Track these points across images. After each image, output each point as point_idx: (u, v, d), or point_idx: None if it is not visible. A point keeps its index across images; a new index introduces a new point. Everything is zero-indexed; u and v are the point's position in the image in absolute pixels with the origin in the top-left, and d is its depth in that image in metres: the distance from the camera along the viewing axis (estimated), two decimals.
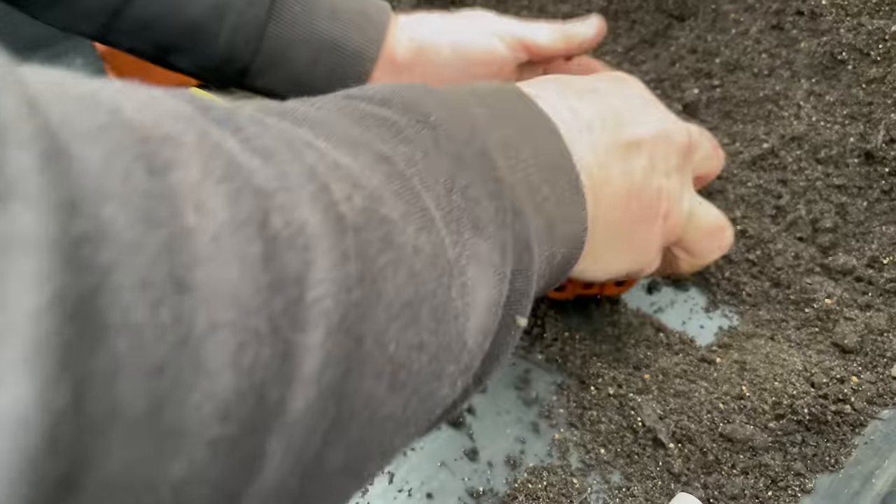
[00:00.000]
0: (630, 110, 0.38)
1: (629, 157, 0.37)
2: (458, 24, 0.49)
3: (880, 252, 0.55)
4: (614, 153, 0.36)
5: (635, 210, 0.37)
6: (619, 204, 0.36)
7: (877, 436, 0.45)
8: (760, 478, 0.43)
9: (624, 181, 0.36)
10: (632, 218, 0.37)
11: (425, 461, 0.44)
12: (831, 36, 0.62)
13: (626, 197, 0.37)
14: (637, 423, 0.44)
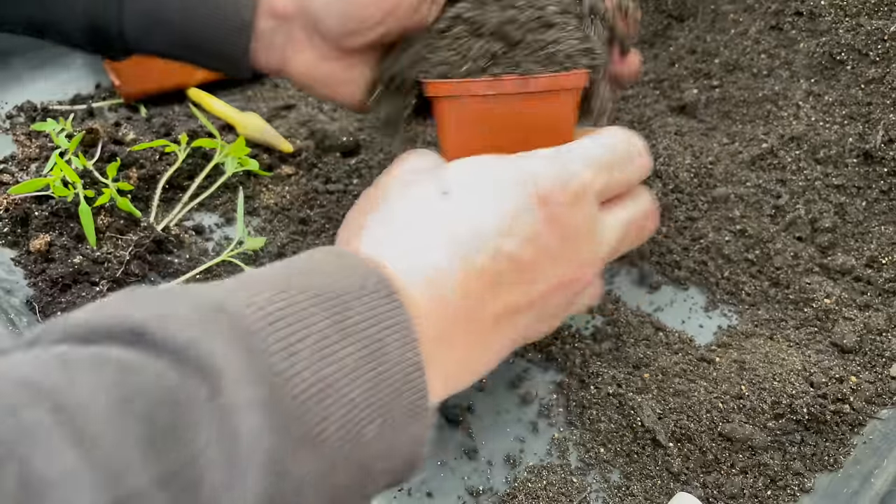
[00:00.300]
0: (540, 259, 0.35)
1: (516, 319, 0.35)
2: None
3: (879, 252, 0.55)
4: (503, 322, 0.34)
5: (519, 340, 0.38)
6: (489, 346, 0.35)
7: (875, 435, 0.45)
8: (759, 477, 0.43)
9: (501, 339, 0.35)
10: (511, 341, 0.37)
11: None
12: (830, 36, 0.62)
13: (509, 345, 0.36)
14: (636, 423, 0.44)
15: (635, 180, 0.40)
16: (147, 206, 0.57)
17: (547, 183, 0.34)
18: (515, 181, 0.34)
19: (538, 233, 0.34)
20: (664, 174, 0.60)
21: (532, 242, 0.34)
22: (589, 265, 0.37)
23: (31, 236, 0.53)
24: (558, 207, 0.34)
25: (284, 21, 0.43)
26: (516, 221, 0.33)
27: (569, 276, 0.36)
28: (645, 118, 0.67)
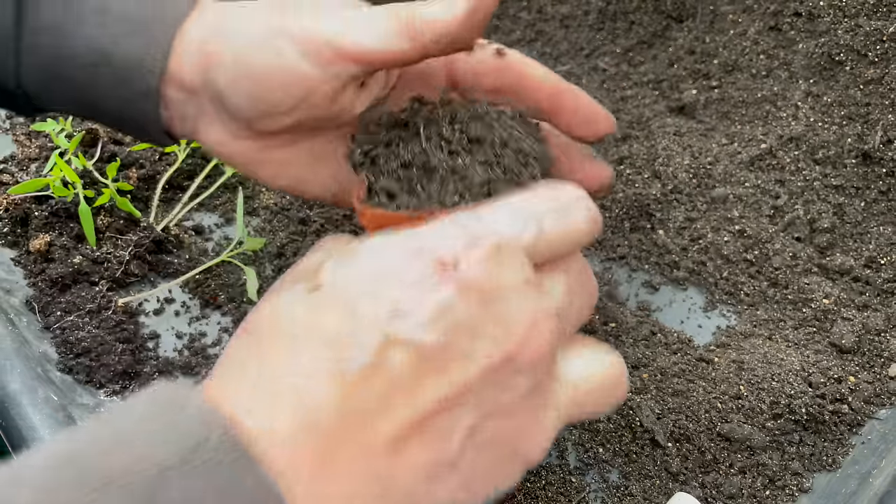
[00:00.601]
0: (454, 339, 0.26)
1: (439, 429, 0.26)
2: (260, 20, 0.36)
3: (878, 252, 0.55)
4: (410, 440, 0.26)
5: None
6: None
7: (874, 435, 0.45)
8: (758, 477, 0.43)
9: (410, 475, 0.26)
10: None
11: None
12: (829, 37, 0.62)
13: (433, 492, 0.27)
14: (635, 423, 0.44)
15: (579, 236, 0.31)
16: (147, 206, 0.57)
17: (449, 244, 0.28)
18: (405, 253, 0.28)
19: (444, 307, 0.26)
20: (663, 174, 0.60)
21: (436, 320, 0.26)
22: (531, 331, 0.28)
23: (30, 236, 0.53)
24: (471, 269, 0.27)
25: (192, 94, 0.38)
26: (409, 298, 0.26)
27: (503, 353, 0.27)
28: (644, 119, 0.67)
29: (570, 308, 0.31)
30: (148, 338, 0.50)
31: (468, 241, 0.28)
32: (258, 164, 0.40)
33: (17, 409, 0.40)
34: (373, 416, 0.25)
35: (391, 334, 0.25)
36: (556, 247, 0.30)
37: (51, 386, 0.42)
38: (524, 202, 0.30)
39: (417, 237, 0.28)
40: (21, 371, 0.41)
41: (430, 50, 0.35)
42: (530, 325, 0.27)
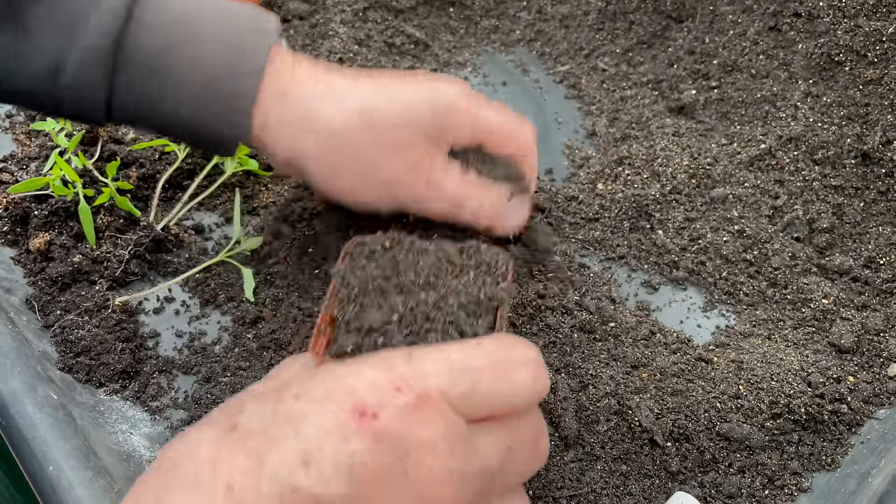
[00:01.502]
0: (362, 494, 0.26)
1: None
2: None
3: (877, 252, 0.55)
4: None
5: None
6: None
7: (873, 435, 0.45)
8: (757, 476, 0.43)
9: None
10: None
11: None
12: (828, 37, 0.62)
13: None
14: (634, 422, 0.44)
15: (521, 395, 0.30)
16: (147, 206, 0.57)
17: (369, 391, 0.27)
18: (326, 394, 0.27)
19: (355, 460, 0.25)
20: (662, 175, 0.60)
21: (346, 472, 0.25)
22: (445, 493, 0.27)
23: (30, 235, 0.53)
24: (388, 418, 0.26)
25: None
26: (320, 448, 0.26)
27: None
28: (643, 119, 0.67)
29: (507, 465, 0.30)
30: (148, 336, 0.50)
31: (394, 386, 0.27)
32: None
33: (17, 408, 0.40)
34: None
35: (295, 486, 0.25)
36: (493, 404, 0.29)
37: (50, 384, 0.42)
38: (464, 353, 0.29)
39: (345, 374, 0.28)
40: (21, 370, 0.41)
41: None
42: (446, 487, 0.27)
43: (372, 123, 0.42)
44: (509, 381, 0.30)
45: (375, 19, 0.73)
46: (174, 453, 0.27)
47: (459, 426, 0.28)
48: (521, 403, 0.30)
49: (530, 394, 0.30)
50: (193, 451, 0.26)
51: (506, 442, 0.30)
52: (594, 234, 0.58)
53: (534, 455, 0.32)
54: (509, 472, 0.31)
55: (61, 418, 0.40)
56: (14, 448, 0.40)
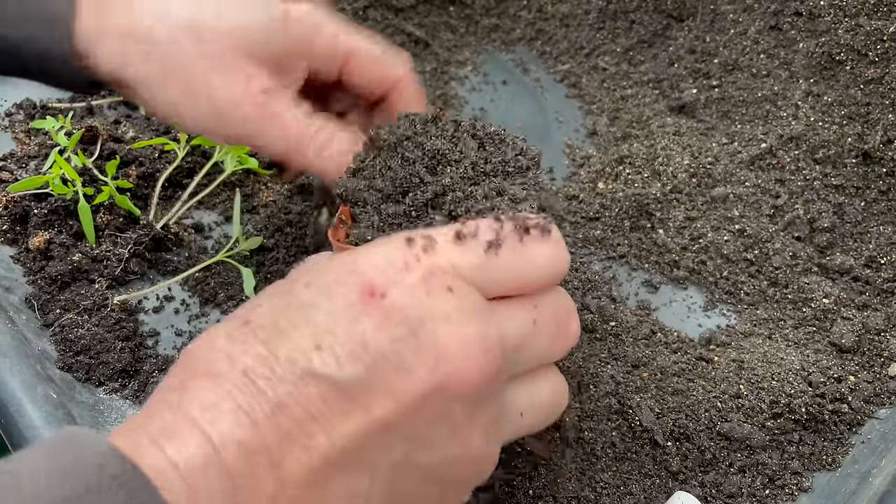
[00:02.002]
0: (376, 372, 0.25)
1: (362, 463, 0.26)
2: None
3: (878, 252, 0.55)
4: (329, 475, 0.25)
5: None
6: None
7: (874, 435, 0.45)
8: (758, 476, 0.43)
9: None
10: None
11: None
12: (829, 37, 0.62)
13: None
14: (635, 422, 0.44)
15: (539, 268, 0.29)
16: (146, 204, 0.57)
17: (378, 269, 0.27)
18: (336, 279, 0.27)
19: (366, 339, 0.25)
20: (663, 174, 0.60)
21: (357, 353, 0.25)
22: (464, 360, 0.26)
23: (30, 234, 0.53)
24: (397, 295, 0.26)
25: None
26: (330, 331, 0.26)
27: (431, 384, 0.26)
28: (644, 118, 0.67)
29: (532, 341, 0.29)
30: (147, 335, 0.50)
31: (404, 263, 0.27)
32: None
33: (17, 407, 0.40)
34: (285, 450, 0.24)
35: (308, 370, 0.25)
36: (510, 277, 0.29)
37: (50, 383, 0.42)
38: (480, 226, 0.29)
39: (354, 259, 0.28)
40: (20, 368, 0.41)
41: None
42: (463, 354, 0.26)
43: (197, 37, 0.40)
44: (526, 254, 0.29)
45: (375, 18, 0.73)
46: (194, 348, 0.27)
47: (474, 298, 0.27)
48: (541, 277, 0.29)
49: (550, 268, 0.29)
50: (211, 345, 0.27)
51: (529, 315, 0.29)
52: (595, 234, 0.58)
53: (561, 332, 0.31)
54: (534, 347, 0.30)
55: (61, 417, 0.40)
56: (13, 447, 0.40)
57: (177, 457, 0.24)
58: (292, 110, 0.41)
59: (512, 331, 0.29)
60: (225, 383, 0.25)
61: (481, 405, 0.28)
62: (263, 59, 0.41)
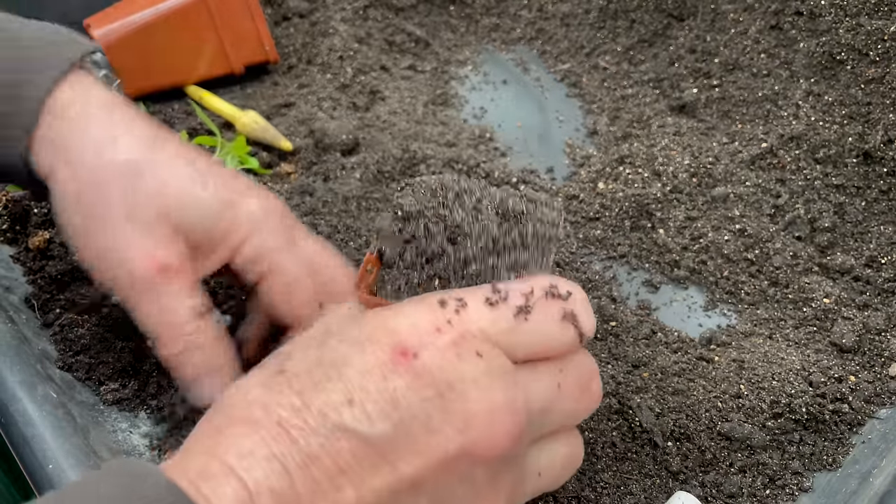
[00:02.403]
0: (405, 430, 0.26)
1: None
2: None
3: (878, 252, 0.55)
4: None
5: None
6: None
7: (874, 435, 0.45)
8: (758, 476, 0.43)
9: None
10: None
11: None
12: (830, 36, 0.62)
13: None
14: (635, 422, 0.44)
15: (567, 337, 0.30)
16: None
17: (411, 330, 0.28)
18: (369, 337, 0.28)
19: (396, 398, 0.26)
20: (663, 174, 0.60)
21: (388, 412, 0.26)
22: (490, 426, 0.27)
23: (30, 233, 0.53)
24: (428, 357, 0.27)
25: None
26: (362, 388, 0.26)
27: (458, 447, 0.27)
28: (644, 117, 0.67)
29: (556, 405, 0.30)
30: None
31: (435, 326, 0.28)
32: None
33: (17, 406, 0.40)
34: (315, 500, 0.25)
35: (340, 424, 0.26)
36: (537, 342, 0.29)
37: (50, 383, 0.42)
38: (511, 291, 0.29)
39: (387, 317, 0.28)
40: (20, 368, 0.41)
41: None
42: (491, 419, 0.27)
43: (127, 183, 0.37)
44: (553, 319, 0.30)
45: (376, 17, 0.73)
46: (229, 396, 0.28)
47: (502, 362, 0.28)
48: (566, 342, 0.30)
49: (574, 337, 0.30)
50: (245, 394, 0.28)
51: (554, 379, 0.30)
52: (595, 233, 0.58)
53: (584, 395, 0.32)
54: (558, 411, 0.30)
55: (61, 417, 0.40)
56: (13, 447, 0.40)
57: (213, 498, 0.24)
58: (183, 299, 0.37)
59: (537, 395, 0.29)
60: (260, 430, 0.26)
61: (504, 468, 0.28)
62: (186, 235, 0.38)
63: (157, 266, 0.37)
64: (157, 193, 0.37)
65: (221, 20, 0.66)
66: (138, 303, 0.38)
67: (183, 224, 0.38)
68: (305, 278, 0.40)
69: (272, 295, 0.40)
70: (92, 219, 0.37)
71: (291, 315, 0.40)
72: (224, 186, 0.39)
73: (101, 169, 0.37)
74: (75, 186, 0.38)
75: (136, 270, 0.37)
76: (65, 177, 0.38)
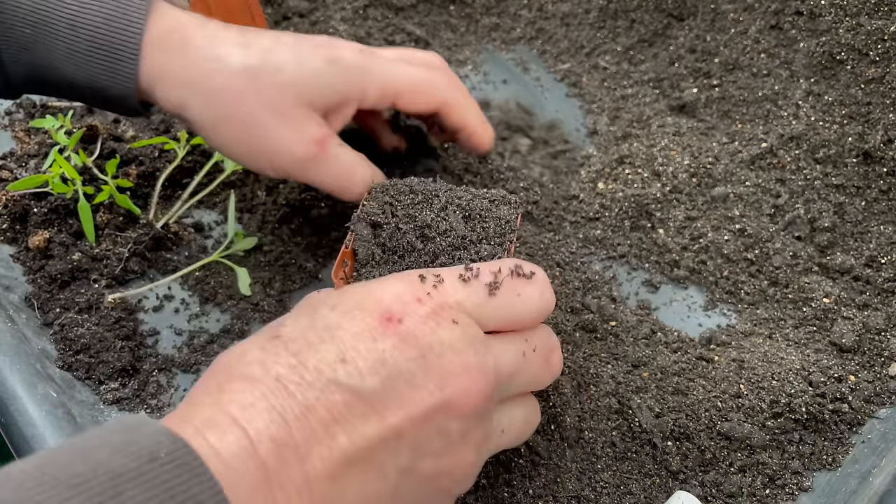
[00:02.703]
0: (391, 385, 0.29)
1: (374, 463, 0.29)
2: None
3: (878, 251, 0.55)
4: (347, 471, 0.28)
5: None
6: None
7: (874, 434, 0.45)
8: (758, 476, 0.43)
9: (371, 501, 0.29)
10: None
11: None
12: (830, 36, 0.62)
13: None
14: (635, 422, 0.44)
15: (529, 307, 0.34)
16: (146, 204, 0.57)
17: (395, 299, 0.31)
18: (357, 304, 0.31)
19: (384, 357, 0.30)
20: (663, 174, 0.60)
21: (377, 368, 0.29)
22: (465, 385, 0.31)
23: (29, 233, 0.53)
24: (412, 322, 0.31)
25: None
26: (353, 348, 0.30)
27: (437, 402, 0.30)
28: (644, 117, 0.67)
29: (521, 370, 0.34)
30: (147, 334, 0.50)
31: (417, 297, 0.32)
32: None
33: (17, 406, 0.40)
34: (311, 447, 0.27)
35: (334, 379, 0.29)
36: (505, 316, 0.34)
37: (50, 383, 0.42)
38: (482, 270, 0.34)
39: (374, 288, 0.32)
40: (20, 367, 0.41)
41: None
42: (465, 377, 0.31)
43: (256, 86, 0.43)
44: (521, 298, 0.34)
45: (376, 17, 0.73)
46: (225, 358, 0.31)
47: (475, 331, 0.32)
48: (530, 315, 0.35)
49: (538, 306, 0.35)
50: (242, 356, 0.30)
51: (520, 348, 0.34)
52: (595, 233, 0.58)
53: (546, 364, 0.36)
54: (523, 376, 0.35)
55: (60, 416, 0.40)
56: (13, 446, 0.40)
57: (218, 445, 0.26)
58: (340, 155, 0.45)
59: (505, 361, 0.33)
60: (260, 386, 0.28)
61: (475, 423, 0.32)
62: (319, 106, 0.44)
63: (314, 142, 0.44)
64: (284, 84, 0.43)
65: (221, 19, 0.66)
66: (308, 174, 0.45)
67: (314, 100, 0.44)
68: (423, 76, 0.48)
69: (409, 106, 0.48)
70: (241, 129, 0.43)
71: (432, 109, 0.49)
72: (325, 50, 0.45)
73: (230, 87, 0.43)
74: (214, 112, 0.43)
75: (300, 152, 0.44)
76: (200, 104, 0.43)
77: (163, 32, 0.43)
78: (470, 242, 0.38)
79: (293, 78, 0.43)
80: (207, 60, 0.42)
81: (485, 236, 0.39)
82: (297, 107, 0.43)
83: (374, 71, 0.46)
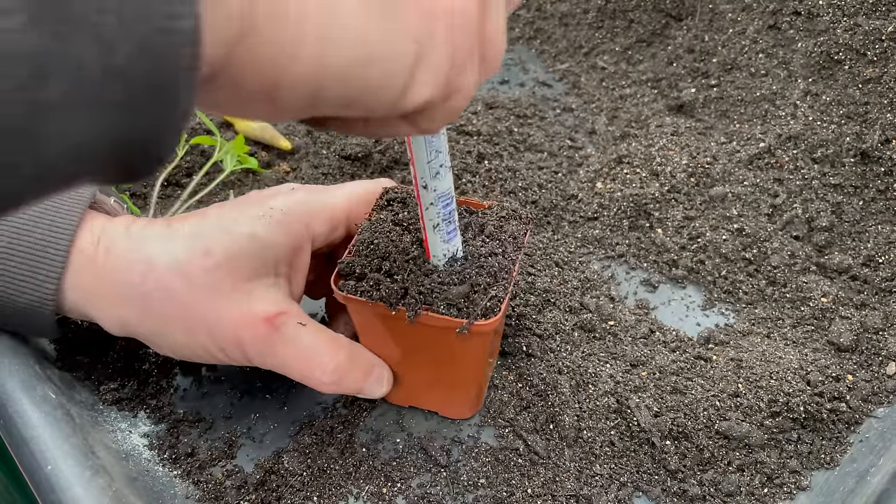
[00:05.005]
0: None
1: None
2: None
3: (876, 251, 0.55)
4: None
5: None
6: None
7: (872, 434, 0.45)
8: (756, 475, 0.43)
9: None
10: None
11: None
12: (828, 36, 0.62)
13: None
14: (633, 421, 0.44)
15: None
16: (146, 203, 0.57)
17: None
18: None
19: None
20: (661, 173, 0.60)
21: None
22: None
23: None
24: None
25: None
26: None
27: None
28: (642, 117, 0.67)
29: None
30: None
31: None
32: None
33: (16, 406, 0.40)
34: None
35: None
36: None
37: (49, 384, 0.42)
38: None
39: None
40: (19, 368, 0.41)
41: None
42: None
43: (187, 281, 0.38)
44: None
45: None
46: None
47: None
48: None
49: None
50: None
51: None
52: (593, 233, 0.58)
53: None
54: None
55: (60, 417, 0.40)
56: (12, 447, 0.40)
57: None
58: (298, 336, 0.39)
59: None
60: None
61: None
62: (264, 272, 0.39)
63: (260, 323, 0.38)
64: (215, 267, 0.38)
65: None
66: (266, 359, 0.39)
67: (255, 269, 0.39)
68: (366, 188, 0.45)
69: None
70: (184, 330, 0.39)
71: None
72: (252, 208, 0.41)
73: (161, 286, 0.38)
74: (153, 321, 0.39)
75: (246, 338, 0.38)
76: (137, 316, 0.39)
77: (86, 247, 0.39)
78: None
79: (224, 256, 0.38)
80: (132, 271, 0.38)
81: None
82: (237, 286, 0.38)
83: (315, 202, 0.41)
